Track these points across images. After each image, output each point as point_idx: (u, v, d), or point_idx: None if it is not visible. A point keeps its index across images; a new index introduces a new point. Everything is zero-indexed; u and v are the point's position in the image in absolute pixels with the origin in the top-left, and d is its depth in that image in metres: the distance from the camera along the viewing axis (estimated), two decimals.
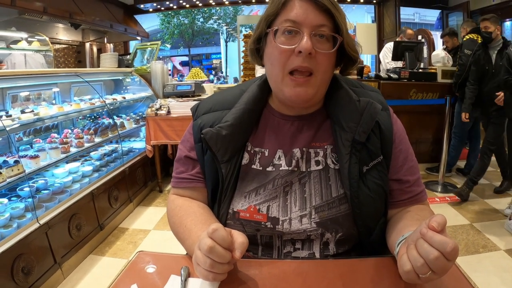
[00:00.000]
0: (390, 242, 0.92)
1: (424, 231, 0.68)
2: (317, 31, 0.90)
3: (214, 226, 0.74)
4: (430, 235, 0.67)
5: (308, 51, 0.88)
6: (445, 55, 4.89)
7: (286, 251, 0.97)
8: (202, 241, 0.74)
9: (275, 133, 1.04)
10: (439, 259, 0.66)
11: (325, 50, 0.91)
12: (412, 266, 0.70)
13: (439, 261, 0.66)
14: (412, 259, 0.70)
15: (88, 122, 4.27)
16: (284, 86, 0.94)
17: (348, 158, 0.94)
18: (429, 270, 0.67)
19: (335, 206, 0.95)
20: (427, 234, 0.68)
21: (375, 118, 0.97)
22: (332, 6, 0.91)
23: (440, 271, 0.67)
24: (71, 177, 3.12)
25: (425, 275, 0.68)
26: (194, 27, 20.27)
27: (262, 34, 0.99)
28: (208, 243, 0.72)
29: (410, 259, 0.71)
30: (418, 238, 0.70)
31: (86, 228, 2.96)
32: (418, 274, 0.70)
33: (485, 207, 3.76)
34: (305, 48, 0.88)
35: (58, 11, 5.55)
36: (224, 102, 1.06)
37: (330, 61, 0.94)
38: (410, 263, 0.70)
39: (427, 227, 0.68)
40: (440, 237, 0.66)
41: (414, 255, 0.70)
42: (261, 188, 0.98)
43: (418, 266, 0.68)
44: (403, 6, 8.14)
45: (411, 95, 4.71)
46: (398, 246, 0.82)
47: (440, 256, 0.66)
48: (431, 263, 0.67)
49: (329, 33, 0.91)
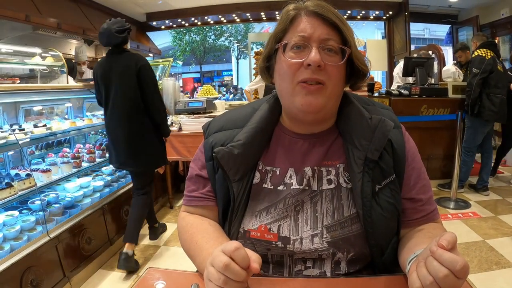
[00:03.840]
0: (402, 260, 0.91)
1: (434, 249, 0.67)
2: (325, 44, 0.91)
3: (236, 244, 0.73)
4: (439, 253, 0.66)
5: (317, 63, 0.89)
6: (456, 70, 4.87)
7: (297, 269, 0.96)
8: (217, 258, 0.73)
9: (286, 152, 1.03)
10: (448, 277, 0.64)
11: (334, 63, 0.91)
12: (422, 284, 0.69)
13: (449, 279, 0.65)
14: (422, 277, 0.69)
15: (100, 137, 4.31)
16: (295, 95, 0.93)
17: (361, 177, 0.93)
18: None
19: (347, 225, 0.94)
20: (436, 252, 0.66)
21: (387, 135, 0.96)
22: (339, 21, 0.92)
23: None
24: (82, 191, 3.14)
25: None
26: (205, 44, 20.47)
27: (271, 51, 1.00)
28: (223, 261, 0.72)
29: (419, 277, 0.69)
30: (428, 256, 0.69)
31: (96, 242, 2.96)
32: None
33: (498, 223, 3.69)
34: (313, 61, 0.89)
35: (71, 27, 5.65)
36: (236, 120, 1.06)
37: (340, 73, 0.94)
38: (420, 281, 0.69)
39: (437, 245, 0.67)
40: (449, 255, 0.65)
41: (424, 273, 0.68)
42: (272, 207, 0.98)
43: (427, 284, 0.67)
44: (413, 22, 8.17)
45: (422, 111, 4.69)
46: (409, 264, 0.80)
47: (450, 274, 0.64)
48: (441, 281, 0.65)
49: (337, 45, 0.92)
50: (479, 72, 4.17)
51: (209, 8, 8.23)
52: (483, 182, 4.59)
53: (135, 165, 3.01)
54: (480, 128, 4.41)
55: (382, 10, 8.12)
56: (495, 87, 4.24)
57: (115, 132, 2.93)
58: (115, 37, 2.81)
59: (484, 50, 4.31)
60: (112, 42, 2.85)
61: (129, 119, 2.87)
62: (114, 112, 2.90)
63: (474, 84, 4.20)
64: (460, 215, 3.94)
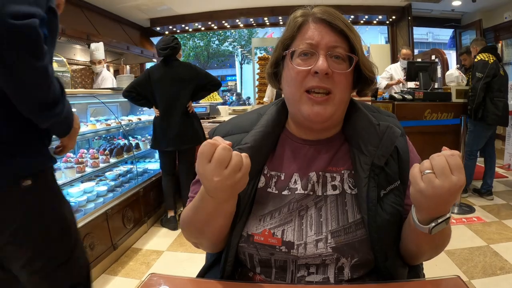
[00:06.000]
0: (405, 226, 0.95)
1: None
2: (332, 52, 0.92)
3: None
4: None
5: (325, 71, 0.89)
6: (459, 74, 4.85)
7: (300, 275, 0.95)
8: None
9: (292, 157, 1.03)
10: (440, 156, 0.76)
11: (341, 70, 0.92)
12: (419, 169, 0.78)
13: (440, 159, 0.75)
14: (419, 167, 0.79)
15: (104, 142, 4.32)
16: (302, 104, 0.94)
17: (366, 182, 0.94)
18: (431, 166, 0.76)
19: (351, 231, 0.94)
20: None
21: (395, 142, 0.97)
22: (347, 28, 0.93)
23: (440, 172, 0.75)
24: (86, 196, 3.14)
25: (426, 173, 0.76)
26: (209, 50, 20.51)
27: (279, 58, 1.01)
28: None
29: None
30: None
31: (99, 247, 2.96)
32: (421, 172, 0.77)
33: (502, 228, 3.68)
34: (321, 69, 0.89)
35: (75, 33, 5.69)
36: (242, 125, 1.07)
37: (347, 80, 0.95)
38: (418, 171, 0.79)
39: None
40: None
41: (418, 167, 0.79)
42: (276, 211, 0.98)
43: (421, 165, 0.78)
44: (416, 26, 8.18)
45: (425, 115, 4.67)
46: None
47: (442, 156, 0.76)
48: (433, 159, 0.77)
49: (345, 53, 0.93)
50: (483, 76, 4.16)
51: (213, 14, 8.26)
52: (487, 186, 4.57)
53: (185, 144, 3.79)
54: (483, 132, 4.40)
55: (385, 15, 8.13)
56: (498, 91, 4.24)
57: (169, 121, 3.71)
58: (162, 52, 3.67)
59: (486, 54, 4.30)
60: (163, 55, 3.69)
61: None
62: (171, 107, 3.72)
63: (478, 88, 4.19)
64: (464, 220, 3.92)
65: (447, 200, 0.77)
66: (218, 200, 0.85)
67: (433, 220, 0.81)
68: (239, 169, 0.79)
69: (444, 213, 0.81)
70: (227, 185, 0.79)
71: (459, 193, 0.77)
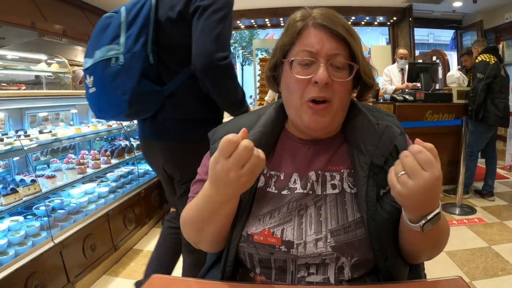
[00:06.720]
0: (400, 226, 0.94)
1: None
2: (333, 61, 0.92)
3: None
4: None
5: (325, 82, 0.90)
6: (460, 75, 4.86)
7: (300, 275, 0.95)
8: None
9: (291, 157, 1.04)
10: (407, 156, 0.75)
11: (341, 79, 0.93)
12: (394, 172, 0.78)
13: (408, 159, 0.75)
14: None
15: (105, 143, 4.32)
16: (303, 113, 0.95)
17: (365, 181, 0.94)
18: (403, 168, 0.75)
19: (351, 230, 0.94)
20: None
21: (394, 141, 0.97)
22: (348, 34, 0.92)
23: (411, 172, 0.74)
24: (87, 197, 3.14)
25: (400, 175, 0.76)
26: None
27: (278, 62, 1.01)
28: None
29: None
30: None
31: (101, 248, 2.97)
32: (396, 175, 0.77)
33: (503, 229, 3.67)
34: (321, 79, 0.90)
35: (77, 34, 5.71)
36: (241, 126, 1.06)
37: (347, 88, 0.96)
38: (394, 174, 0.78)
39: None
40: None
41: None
42: (275, 211, 0.98)
43: (395, 167, 0.78)
44: (417, 27, 8.19)
45: (427, 116, 4.67)
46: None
47: (409, 155, 0.75)
48: (402, 161, 0.76)
49: (345, 62, 0.93)
50: (484, 77, 4.16)
51: None
52: (488, 187, 4.56)
53: None
54: (484, 133, 4.40)
55: (386, 16, 8.14)
56: (499, 92, 4.24)
57: None
58: None
59: (487, 55, 4.30)
60: None
61: None
62: None
63: (479, 89, 4.19)
64: (466, 221, 3.92)
65: (428, 196, 0.76)
66: (222, 197, 0.86)
67: (423, 217, 0.80)
68: (254, 170, 0.79)
69: (433, 209, 0.80)
70: (240, 182, 0.80)
71: (439, 186, 0.75)
